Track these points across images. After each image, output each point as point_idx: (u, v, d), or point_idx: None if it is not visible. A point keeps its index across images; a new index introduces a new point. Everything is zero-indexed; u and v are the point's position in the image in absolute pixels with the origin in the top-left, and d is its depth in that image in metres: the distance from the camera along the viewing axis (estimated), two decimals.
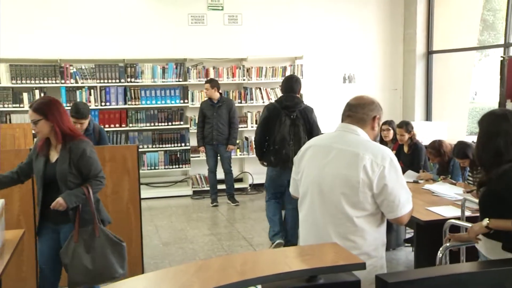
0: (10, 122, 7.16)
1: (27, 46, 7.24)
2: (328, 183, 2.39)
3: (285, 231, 5.24)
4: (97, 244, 3.23)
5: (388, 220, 2.43)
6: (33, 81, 7.17)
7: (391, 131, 5.81)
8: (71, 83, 7.33)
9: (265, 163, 5.28)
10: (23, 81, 7.13)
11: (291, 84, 5.16)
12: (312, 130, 5.10)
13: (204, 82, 7.18)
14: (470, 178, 4.58)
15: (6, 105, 7.07)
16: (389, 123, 5.86)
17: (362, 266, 1.91)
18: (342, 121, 2.53)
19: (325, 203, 2.40)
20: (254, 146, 5.57)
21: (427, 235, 3.65)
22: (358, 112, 2.47)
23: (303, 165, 2.55)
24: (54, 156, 3.24)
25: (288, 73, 8.21)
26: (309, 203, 2.48)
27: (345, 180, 2.33)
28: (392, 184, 2.30)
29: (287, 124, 5.01)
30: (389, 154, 2.36)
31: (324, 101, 8.32)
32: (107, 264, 3.24)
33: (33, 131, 3.23)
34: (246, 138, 8.26)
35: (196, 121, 7.38)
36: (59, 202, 3.09)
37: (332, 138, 2.51)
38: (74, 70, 7.34)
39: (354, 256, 2.06)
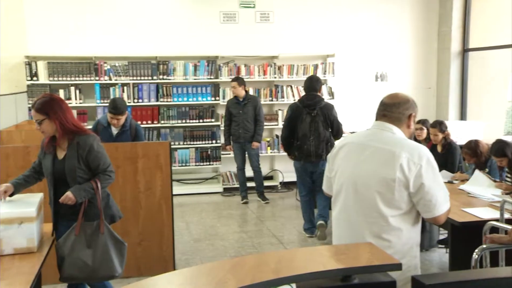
0: None
1: (64, 44, 7.41)
2: (363, 181, 2.37)
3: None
4: (100, 240, 3.15)
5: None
6: (69, 78, 7.32)
7: (425, 131, 5.71)
8: (105, 80, 7.45)
9: (291, 157, 5.77)
10: (60, 78, 7.29)
11: (312, 83, 5.63)
12: (332, 125, 5.56)
13: (231, 80, 7.17)
14: (509, 179, 4.46)
15: None
16: (422, 122, 5.75)
17: (398, 266, 1.89)
18: (377, 119, 2.50)
19: (359, 202, 2.38)
20: (281, 143, 6.05)
21: (463, 237, 3.57)
22: (393, 111, 2.43)
23: (337, 163, 2.53)
24: (61, 153, 3.19)
25: (319, 71, 8.17)
26: (343, 201, 2.46)
27: (381, 178, 2.31)
28: (429, 183, 2.26)
29: (307, 121, 5.45)
30: (426, 152, 2.32)
31: (355, 100, 8.26)
32: (107, 262, 3.15)
33: (38, 130, 3.17)
34: (277, 136, 8.24)
35: (223, 119, 7.40)
36: (68, 196, 3.07)
37: (367, 136, 2.48)
38: (108, 67, 7.47)
39: (390, 256, 2.03)
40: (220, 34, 7.96)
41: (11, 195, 3.09)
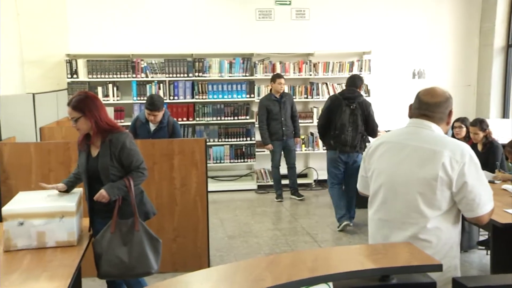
0: None
1: (102, 42, 7.56)
2: (402, 181, 2.31)
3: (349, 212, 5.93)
4: (136, 238, 3.16)
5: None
6: (107, 76, 7.46)
7: (464, 129, 5.57)
8: (142, 77, 7.56)
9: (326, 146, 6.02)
10: (98, 76, 7.44)
11: (354, 80, 5.93)
12: (368, 121, 5.76)
13: (277, 77, 7.09)
14: None
15: None
16: (461, 120, 5.61)
17: (438, 267, 1.84)
18: (414, 116, 2.42)
19: (399, 202, 2.33)
20: (317, 130, 6.20)
21: (505, 238, 3.46)
22: (435, 111, 2.36)
23: (374, 162, 2.47)
24: (95, 150, 3.20)
25: (355, 68, 8.09)
26: (381, 200, 2.41)
27: (422, 178, 2.25)
28: (472, 181, 2.20)
29: (347, 113, 5.68)
30: (468, 150, 2.26)
31: (392, 97, 8.13)
32: (143, 259, 3.16)
33: (74, 127, 3.18)
34: (312, 134, 8.20)
35: (258, 118, 7.32)
36: (102, 194, 3.07)
37: (405, 135, 2.42)
38: (145, 64, 7.57)
39: (429, 256, 1.98)
40: (255, 31, 7.96)
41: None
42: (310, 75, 8.00)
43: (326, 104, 5.89)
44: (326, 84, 8.10)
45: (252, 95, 7.82)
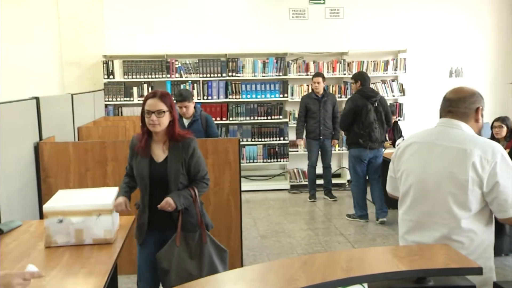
0: (121, 114, 7.64)
1: (138, 43, 7.70)
2: (433, 182, 2.28)
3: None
4: (205, 250, 3.00)
5: (499, 222, 2.27)
6: (142, 76, 7.58)
7: (504, 129, 5.42)
8: (176, 77, 7.65)
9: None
10: (134, 76, 7.57)
11: (366, 77, 6.17)
12: (387, 117, 6.11)
13: (314, 76, 7.09)
14: None
15: (118, 99, 7.55)
16: (502, 119, 5.46)
17: (478, 271, 1.80)
18: (442, 116, 2.40)
19: (429, 203, 2.30)
20: (342, 130, 6.54)
21: None
22: (459, 107, 2.33)
23: (403, 163, 2.45)
24: (159, 155, 2.96)
25: (390, 67, 7.99)
26: (411, 201, 2.39)
27: (452, 179, 2.21)
28: (504, 181, 2.14)
29: (372, 111, 5.96)
30: (499, 149, 2.20)
31: (428, 96, 7.97)
32: (213, 271, 2.96)
33: (150, 124, 2.89)
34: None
35: (296, 116, 7.37)
36: (168, 202, 2.84)
37: (435, 135, 2.38)
38: (179, 65, 7.66)
39: (468, 259, 1.94)
40: (289, 30, 7.95)
41: None
42: (344, 74, 7.94)
43: (349, 105, 6.02)
44: None
45: (286, 95, 7.81)
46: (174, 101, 4.99)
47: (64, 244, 2.78)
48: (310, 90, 7.31)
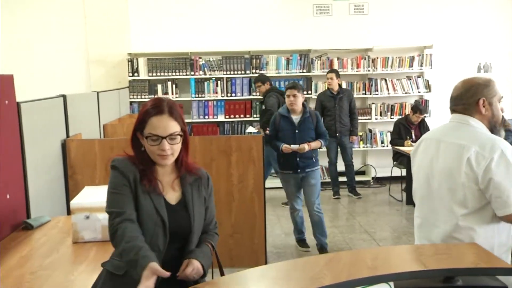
0: None
1: (162, 41, 7.75)
2: (436, 178, 2.29)
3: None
4: None
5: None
6: (166, 73, 7.64)
7: None
8: (200, 75, 7.68)
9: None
10: (158, 74, 7.63)
11: None
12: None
13: (327, 72, 7.09)
14: None
15: (143, 96, 7.62)
16: None
17: (510, 271, 1.75)
18: (451, 112, 2.39)
19: (433, 200, 2.31)
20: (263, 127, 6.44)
21: None
22: (458, 104, 2.32)
23: (416, 160, 2.49)
24: (171, 194, 2.05)
25: (416, 64, 7.88)
26: (420, 198, 2.42)
27: (450, 175, 2.20)
28: (499, 178, 2.08)
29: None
30: (501, 145, 2.13)
31: None
32: None
33: (160, 155, 1.97)
34: (370, 130, 8.05)
35: None
36: (198, 269, 1.95)
37: (443, 131, 2.38)
38: (203, 62, 7.69)
39: (498, 258, 1.90)
40: (313, 27, 7.90)
41: None
42: (369, 70, 7.86)
43: (272, 101, 6.41)
44: (385, 80, 7.93)
45: (309, 92, 7.77)
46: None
47: (91, 240, 2.82)
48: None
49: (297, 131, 4.84)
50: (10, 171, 3.10)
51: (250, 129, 7.06)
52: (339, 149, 7.16)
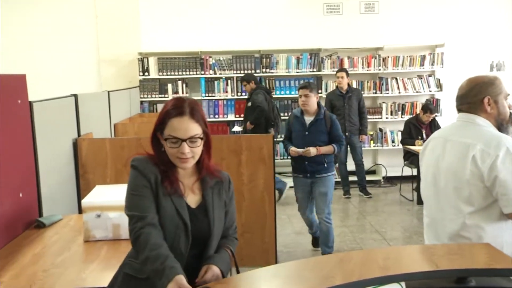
0: (156, 111, 7.74)
1: (172, 40, 7.77)
2: (442, 177, 2.28)
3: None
4: None
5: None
6: (176, 73, 7.66)
7: None
8: (210, 74, 7.69)
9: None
10: (168, 73, 7.65)
11: None
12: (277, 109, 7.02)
13: (337, 71, 7.07)
14: None
15: (153, 96, 7.65)
16: None
17: None
18: (458, 112, 2.39)
19: (439, 198, 2.30)
20: (254, 123, 6.61)
21: None
22: (463, 103, 2.32)
23: (424, 159, 2.49)
24: (192, 197, 1.99)
25: (427, 62, 7.83)
26: (427, 198, 2.42)
27: (456, 173, 2.20)
28: (505, 175, 2.07)
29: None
30: (506, 142, 2.12)
31: None
32: None
33: (179, 158, 1.89)
34: (381, 130, 8.02)
35: None
36: (217, 275, 1.89)
37: (450, 130, 2.39)
38: (213, 61, 7.70)
39: None
40: (323, 26, 7.88)
41: None
42: (379, 69, 7.82)
43: (261, 99, 6.49)
44: (396, 79, 7.89)
45: (320, 91, 7.74)
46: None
47: (102, 238, 2.84)
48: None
49: (306, 133, 4.65)
50: (23, 170, 3.13)
51: (236, 128, 7.09)
52: (348, 149, 7.13)
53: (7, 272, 2.38)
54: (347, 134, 6.95)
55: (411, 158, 6.87)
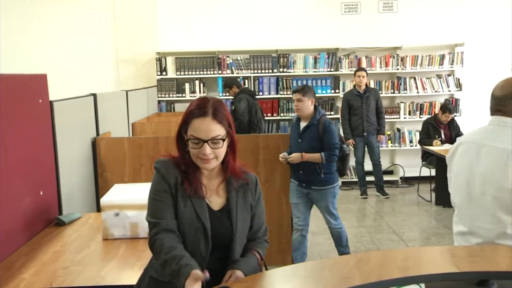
0: (173, 110, 7.78)
1: (190, 40, 7.81)
2: (478, 185, 2.18)
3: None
4: None
5: None
6: (194, 72, 7.69)
7: None
8: (228, 74, 7.70)
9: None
10: (186, 73, 7.68)
11: None
12: (262, 112, 6.67)
13: (356, 70, 7.01)
14: None
15: (171, 95, 7.69)
16: None
17: None
18: (492, 114, 2.29)
19: (474, 206, 2.21)
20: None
21: None
22: (507, 105, 2.21)
23: (454, 163, 2.38)
24: (214, 199, 1.95)
25: (446, 62, 7.74)
26: (459, 204, 2.32)
27: (495, 181, 2.10)
28: None
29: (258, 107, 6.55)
30: None
31: (488, 91, 7.63)
32: None
33: (201, 158, 1.86)
34: (398, 130, 7.95)
35: (340, 113, 7.24)
36: (240, 279, 1.83)
37: (483, 134, 2.29)
38: (231, 61, 7.71)
39: None
40: (341, 25, 7.84)
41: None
42: (397, 69, 7.76)
43: (244, 104, 6.29)
44: (414, 78, 7.82)
45: (337, 91, 7.71)
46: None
47: (121, 237, 2.86)
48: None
49: (299, 139, 4.31)
50: (43, 168, 3.17)
51: None
52: (366, 149, 7.09)
53: (29, 269, 2.41)
54: (364, 134, 6.91)
55: (430, 159, 6.80)
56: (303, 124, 4.33)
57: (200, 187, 1.91)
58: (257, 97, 7.65)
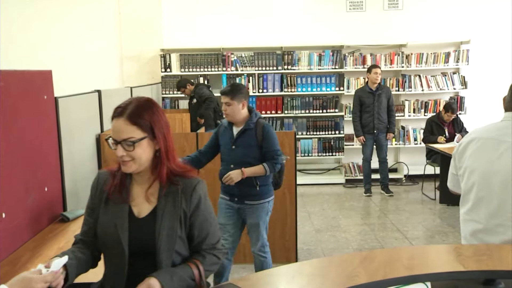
0: (177, 107, 7.78)
1: (194, 37, 7.79)
2: (499, 181, 2.15)
3: None
4: None
5: None
6: (198, 69, 7.68)
7: None
8: (232, 71, 7.69)
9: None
10: (190, 69, 7.68)
11: None
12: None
13: (372, 67, 6.91)
14: None
15: (175, 92, 7.68)
16: None
17: None
18: (508, 110, 2.26)
19: (494, 203, 2.17)
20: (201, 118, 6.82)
21: None
22: None
23: (466, 160, 2.33)
24: (142, 206, 1.87)
25: (451, 59, 7.70)
26: (474, 201, 2.27)
27: None
28: None
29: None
30: None
31: (493, 90, 7.62)
32: None
33: (123, 159, 1.81)
34: (403, 127, 7.93)
35: (351, 109, 7.25)
36: (150, 286, 1.71)
37: (500, 130, 2.25)
38: (235, 58, 7.70)
39: None
40: (345, 22, 7.81)
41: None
42: (402, 67, 7.73)
43: (211, 100, 6.71)
44: (419, 76, 7.79)
45: (342, 88, 7.69)
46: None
47: None
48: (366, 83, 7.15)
49: (233, 146, 3.55)
50: (48, 164, 3.17)
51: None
52: (374, 146, 7.07)
53: (34, 265, 2.41)
54: (375, 131, 6.89)
55: (434, 157, 6.78)
56: (236, 129, 3.58)
57: (125, 191, 1.87)
58: (261, 94, 7.68)
